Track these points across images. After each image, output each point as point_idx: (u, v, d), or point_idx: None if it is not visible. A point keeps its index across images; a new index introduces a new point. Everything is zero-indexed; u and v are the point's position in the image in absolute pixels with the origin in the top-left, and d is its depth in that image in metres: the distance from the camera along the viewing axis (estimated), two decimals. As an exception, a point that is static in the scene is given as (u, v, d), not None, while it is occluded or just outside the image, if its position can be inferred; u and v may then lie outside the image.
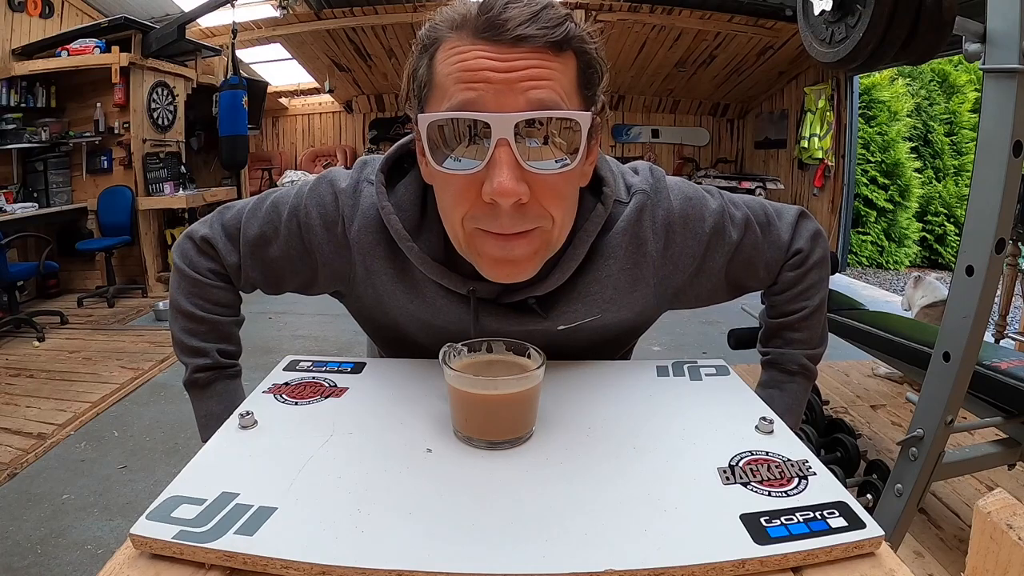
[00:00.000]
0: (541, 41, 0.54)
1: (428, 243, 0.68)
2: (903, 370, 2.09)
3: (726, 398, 0.68)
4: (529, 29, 0.53)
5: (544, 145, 0.55)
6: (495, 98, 0.53)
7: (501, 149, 0.53)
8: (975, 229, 1.25)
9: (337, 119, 8.13)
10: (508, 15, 0.53)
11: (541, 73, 0.54)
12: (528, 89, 0.53)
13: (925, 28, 1.13)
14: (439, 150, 0.56)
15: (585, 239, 0.66)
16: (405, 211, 0.68)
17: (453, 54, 0.55)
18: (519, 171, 0.54)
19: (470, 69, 0.54)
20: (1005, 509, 0.42)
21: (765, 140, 7.48)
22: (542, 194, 0.56)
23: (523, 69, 0.53)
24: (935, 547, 1.77)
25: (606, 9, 5.66)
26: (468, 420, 0.58)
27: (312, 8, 5.95)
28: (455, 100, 0.54)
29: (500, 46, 0.53)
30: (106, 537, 1.94)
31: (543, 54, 0.54)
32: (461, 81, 0.54)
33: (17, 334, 3.89)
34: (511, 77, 0.53)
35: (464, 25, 0.55)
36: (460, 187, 0.57)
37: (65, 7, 5.03)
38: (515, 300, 0.68)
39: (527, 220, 0.57)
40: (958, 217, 6.67)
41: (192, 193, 5.23)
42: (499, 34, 0.53)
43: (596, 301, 0.71)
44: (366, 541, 0.44)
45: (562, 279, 0.67)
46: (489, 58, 0.53)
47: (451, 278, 0.67)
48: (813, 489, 0.50)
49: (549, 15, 0.54)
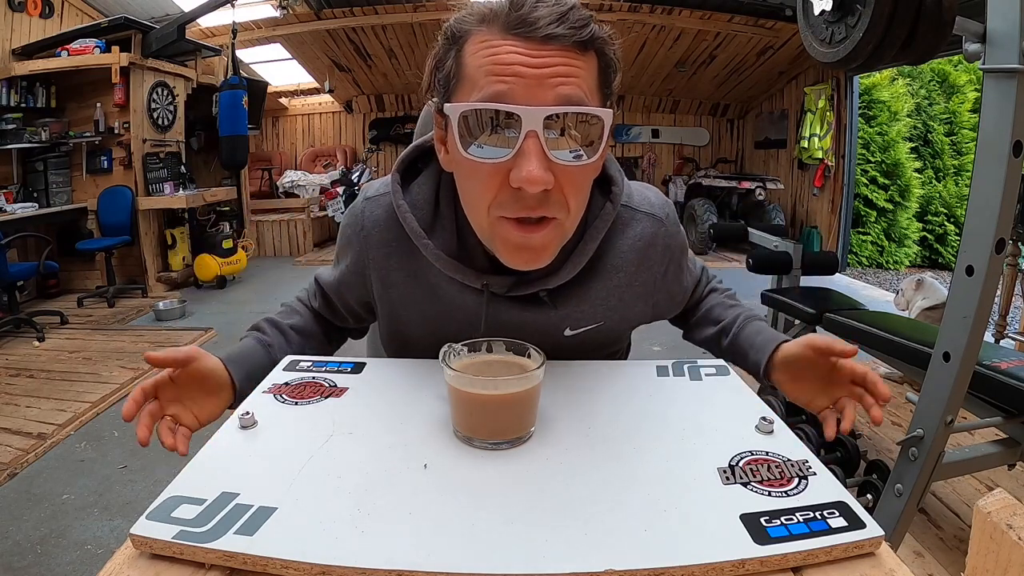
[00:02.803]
0: (569, 40, 0.56)
1: (442, 240, 0.71)
2: (903, 370, 2.09)
3: (726, 398, 0.68)
4: (559, 28, 0.56)
5: (567, 138, 0.58)
6: (525, 92, 0.56)
7: (530, 140, 0.56)
8: (975, 229, 1.25)
9: (337, 119, 8.13)
10: (539, 13, 0.56)
11: (568, 71, 0.57)
12: (557, 85, 0.56)
13: (925, 28, 1.13)
14: (467, 138, 0.58)
15: (595, 235, 0.71)
16: (420, 209, 0.72)
17: (484, 47, 0.58)
18: (546, 161, 0.57)
19: (502, 63, 0.56)
20: (1005, 509, 0.42)
21: (765, 140, 7.48)
22: (564, 183, 0.59)
23: (552, 66, 0.56)
24: (935, 547, 1.77)
25: (606, 9, 5.67)
26: (468, 420, 0.58)
27: (312, 8, 5.95)
28: (486, 91, 0.56)
29: (531, 42, 0.56)
30: (106, 537, 1.94)
31: (570, 53, 0.57)
32: (493, 74, 0.56)
33: (17, 334, 3.88)
34: (541, 73, 0.56)
35: (494, 20, 0.58)
36: (487, 174, 0.59)
37: (65, 7, 5.03)
38: (527, 293, 0.71)
39: (549, 206, 0.60)
40: (958, 217, 6.66)
41: (192, 193, 5.23)
42: (530, 31, 0.56)
43: (602, 308, 0.75)
44: (366, 541, 0.44)
45: (573, 272, 0.71)
46: (521, 53, 0.56)
47: (465, 273, 0.70)
48: (813, 489, 0.50)
49: (576, 16, 0.57)
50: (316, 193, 7.22)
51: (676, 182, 7.51)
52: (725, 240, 5.98)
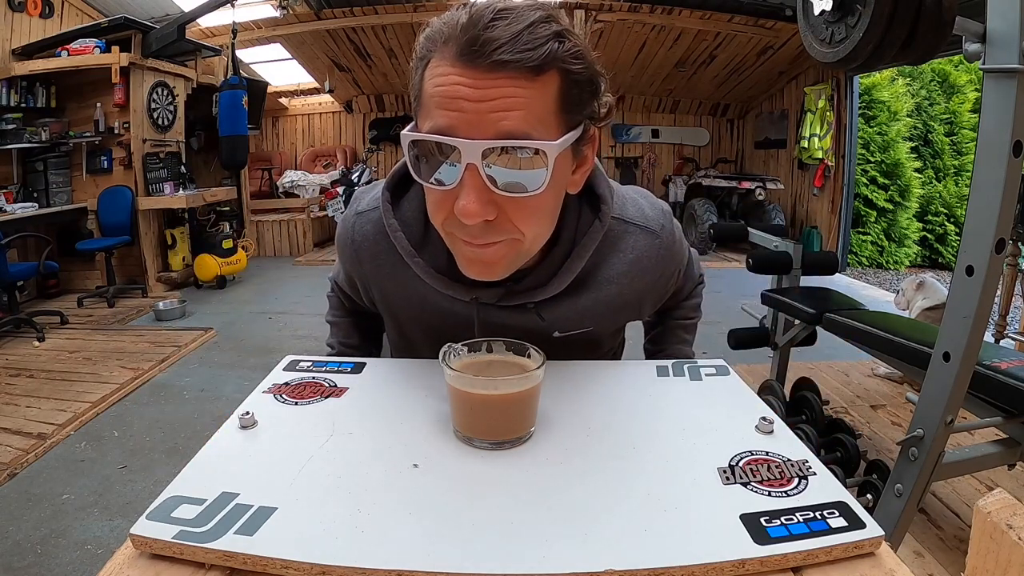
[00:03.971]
0: (519, 67, 0.54)
1: (432, 255, 0.73)
2: (903, 370, 2.09)
3: (726, 398, 0.68)
4: (506, 55, 0.54)
5: (513, 170, 0.57)
6: (466, 126, 0.55)
7: (469, 173, 0.56)
8: (975, 229, 1.25)
9: (337, 119, 8.13)
10: (489, 35, 0.54)
11: (513, 103, 0.55)
12: (499, 120, 0.55)
13: (925, 28, 1.13)
14: (416, 165, 0.60)
15: (583, 253, 0.71)
16: (409, 226, 0.73)
17: (437, 75, 0.57)
18: (487, 193, 0.57)
19: (447, 96, 0.56)
20: (1005, 509, 0.42)
21: (765, 140, 7.48)
22: (512, 212, 0.59)
23: (495, 99, 0.55)
24: (935, 547, 1.77)
25: (606, 9, 5.66)
26: (468, 420, 0.58)
27: (312, 8, 5.95)
28: (434, 123, 0.57)
29: (477, 71, 0.55)
30: (106, 537, 1.94)
31: (518, 80, 0.55)
32: (439, 106, 0.57)
33: (17, 334, 3.88)
34: (482, 107, 0.55)
35: (450, 41, 0.56)
36: (438, 199, 0.61)
37: (65, 7, 5.03)
38: (516, 304, 0.73)
39: (496, 233, 0.60)
40: (958, 217, 6.66)
41: (192, 193, 5.23)
42: (476, 59, 0.54)
43: (590, 315, 0.76)
44: (366, 541, 0.44)
45: (560, 287, 0.72)
46: (465, 85, 0.55)
47: (455, 288, 0.72)
48: (813, 489, 0.50)
49: (530, 37, 0.55)
50: (316, 193, 7.23)
51: (676, 182, 7.50)
52: (725, 240, 5.98)
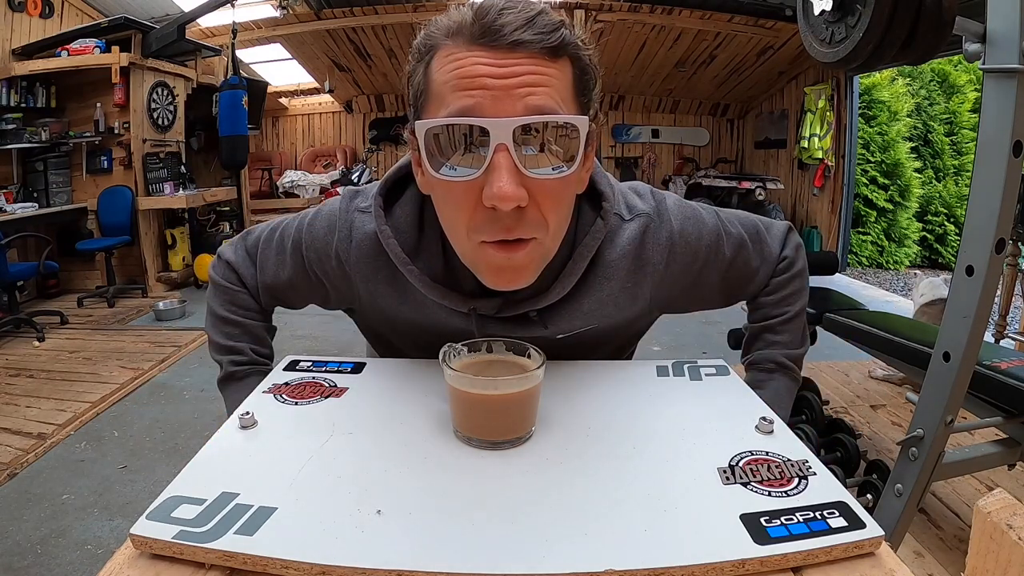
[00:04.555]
0: (537, 47, 0.54)
1: (427, 263, 0.69)
2: (903, 370, 2.09)
3: (726, 398, 0.68)
4: (525, 35, 0.53)
5: (541, 152, 0.55)
6: (493, 104, 0.53)
7: (500, 154, 0.53)
8: (975, 229, 1.25)
9: (337, 119, 8.13)
10: (504, 20, 0.53)
11: (538, 79, 0.54)
12: (526, 95, 0.53)
13: (925, 28, 1.13)
14: (437, 157, 0.56)
15: (585, 254, 0.68)
16: (403, 232, 0.69)
17: (449, 61, 0.55)
18: (518, 176, 0.54)
19: (467, 76, 0.54)
20: (1005, 509, 0.42)
21: (765, 140, 7.48)
22: (541, 200, 0.56)
23: (520, 75, 0.53)
24: (935, 547, 1.77)
25: (606, 9, 5.66)
26: (468, 420, 0.58)
27: (312, 8, 5.94)
28: (453, 107, 0.54)
29: (496, 52, 0.53)
30: (106, 537, 1.94)
31: (539, 60, 0.54)
32: (459, 88, 0.54)
33: (17, 334, 3.89)
34: (509, 83, 0.53)
35: (460, 32, 0.55)
36: (459, 194, 0.57)
37: (65, 7, 5.03)
38: (516, 314, 0.69)
39: (525, 226, 0.57)
40: (958, 217, 6.66)
41: (192, 193, 5.23)
42: (495, 39, 0.53)
43: (594, 315, 0.73)
44: (366, 541, 0.44)
45: (562, 293, 0.68)
46: (486, 64, 0.53)
47: (452, 298, 0.68)
48: (813, 489, 0.50)
49: (544, 21, 0.54)
50: (316, 193, 7.23)
51: (676, 182, 7.51)
52: (725, 240, 5.97)
